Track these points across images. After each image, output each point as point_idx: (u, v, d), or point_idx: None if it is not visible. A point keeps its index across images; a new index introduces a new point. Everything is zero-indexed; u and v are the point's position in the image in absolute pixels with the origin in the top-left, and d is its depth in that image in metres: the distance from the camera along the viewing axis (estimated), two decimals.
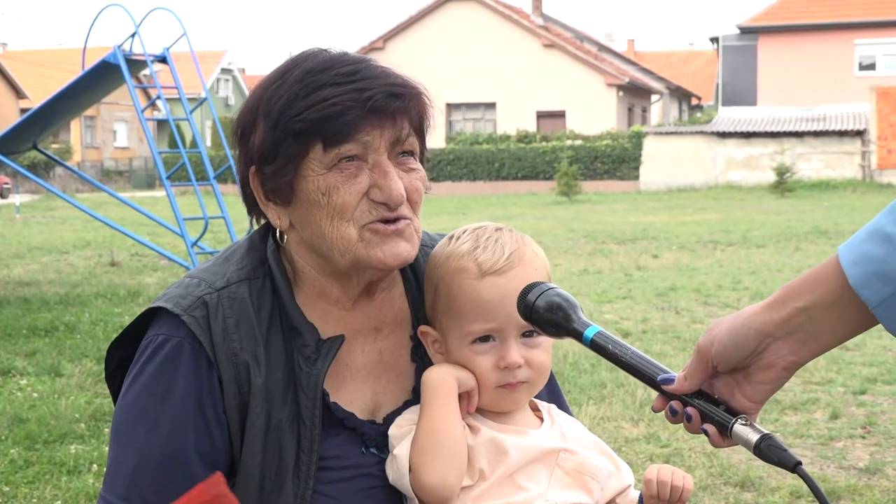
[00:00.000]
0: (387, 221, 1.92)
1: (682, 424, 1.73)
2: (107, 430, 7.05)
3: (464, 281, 1.99)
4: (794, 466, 1.60)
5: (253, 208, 2.05)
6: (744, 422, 1.64)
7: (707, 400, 1.68)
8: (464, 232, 2.07)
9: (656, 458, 6.30)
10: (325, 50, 1.99)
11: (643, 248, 19.10)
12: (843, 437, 6.79)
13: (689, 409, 1.69)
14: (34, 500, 5.84)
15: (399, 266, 1.97)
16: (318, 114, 1.87)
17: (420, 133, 1.99)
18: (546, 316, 1.84)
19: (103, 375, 8.56)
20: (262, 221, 2.07)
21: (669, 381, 1.71)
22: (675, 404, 1.71)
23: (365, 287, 2.04)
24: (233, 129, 2.03)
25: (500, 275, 1.98)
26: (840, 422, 7.14)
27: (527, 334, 1.99)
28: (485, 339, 1.99)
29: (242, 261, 2.03)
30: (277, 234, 2.04)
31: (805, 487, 5.72)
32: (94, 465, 6.29)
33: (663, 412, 1.74)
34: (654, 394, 6.38)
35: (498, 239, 2.02)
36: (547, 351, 2.03)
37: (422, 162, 2.02)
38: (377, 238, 1.92)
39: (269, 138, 1.92)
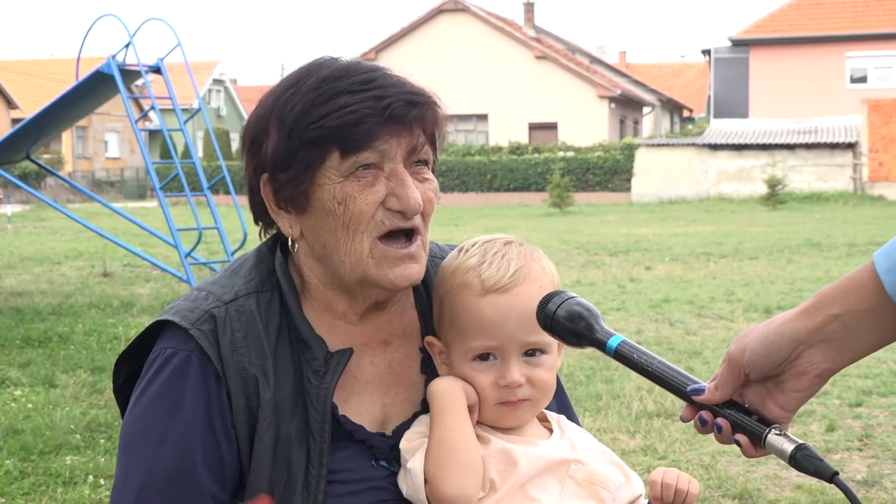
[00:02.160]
0: (400, 234, 1.91)
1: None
2: (102, 440, 7.03)
3: (466, 297, 1.98)
4: (831, 476, 1.58)
5: (262, 218, 2.03)
6: (778, 431, 1.62)
7: (738, 410, 1.66)
8: (473, 245, 2.05)
9: (653, 470, 6.28)
10: (338, 58, 1.97)
11: (636, 259, 19.11)
12: (840, 450, 6.78)
13: (720, 420, 1.67)
14: None
15: (406, 287, 1.96)
16: (336, 121, 1.86)
17: (433, 143, 1.98)
18: (567, 326, 1.82)
19: (98, 386, 8.57)
20: (271, 233, 2.05)
21: (700, 391, 1.69)
22: (704, 414, 1.69)
23: (372, 304, 2.02)
24: (242, 138, 2.01)
25: (502, 292, 1.96)
26: (837, 434, 7.13)
27: (529, 353, 1.97)
28: (485, 356, 1.97)
29: (250, 273, 2.01)
30: (289, 243, 2.02)
31: (803, 500, 5.74)
32: (90, 477, 6.26)
33: (692, 422, 1.72)
34: (651, 405, 6.37)
35: (505, 254, 2.00)
36: (550, 369, 2.01)
37: (433, 172, 2.01)
38: (388, 259, 1.91)
39: (283, 146, 1.90)
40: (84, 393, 8.40)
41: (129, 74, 15.23)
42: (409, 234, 1.93)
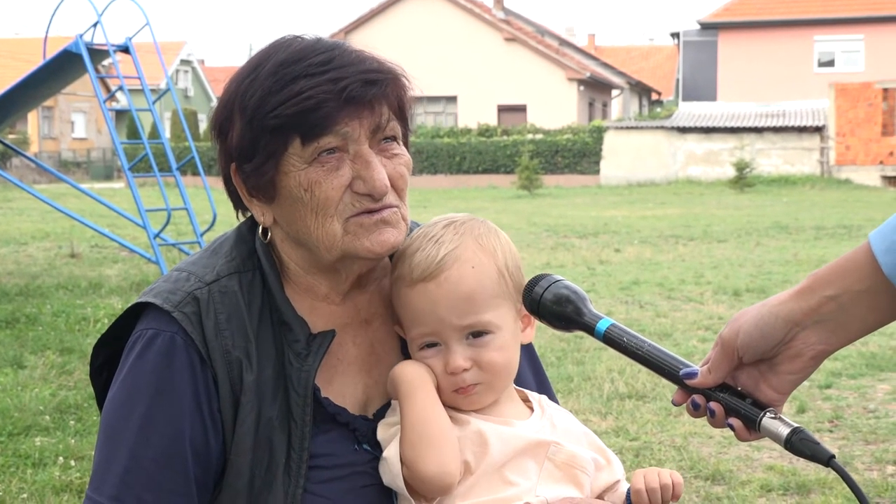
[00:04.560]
0: (371, 212, 1.88)
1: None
2: (72, 422, 6.99)
3: (400, 288, 1.95)
4: (827, 460, 1.57)
5: (238, 203, 1.99)
6: (772, 415, 1.60)
7: (732, 393, 1.64)
8: (420, 229, 2.00)
9: (626, 452, 6.30)
10: (299, 37, 1.92)
11: (605, 242, 19.14)
12: (811, 431, 6.79)
13: (713, 404, 1.65)
14: None
15: (387, 253, 1.92)
16: (292, 108, 1.82)
17: (402, 116, 1.93)
18: (554, 309, 1.80)
19: (67, 367, 8.48)
20: (248, 214, 2.01)
21: (693, 375, 1.67)
22: (697, 398, 1.67)
23: (354, 280, 1.99)
24: (211, 125, 1.98)
25: (429, 280, 1.91)
26: (807, 416, 7.18)
27: (475, 334, 1.92)
28: (430, 344, 1.94)
29: (231, 253, 1.98)
30: (260, 231, 1.98)
31: (775, 480, 5.77)
32: (60, 458, 6.22)
33: (684, 405, 1.70)
34: (622, 386, 6.38)
35: (440, 238, 1.95)
36: (500, 349, 1.94)
37: (406, 144, 1.97)
38: (363, 229, 1.87)
39: (246, 134, 1.87)
40: (53, 374, 8.35)
41: (97, 54, 15.09)
42: (380, 211, 1.89)
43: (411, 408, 1.88)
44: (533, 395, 2.06)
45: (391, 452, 1.88)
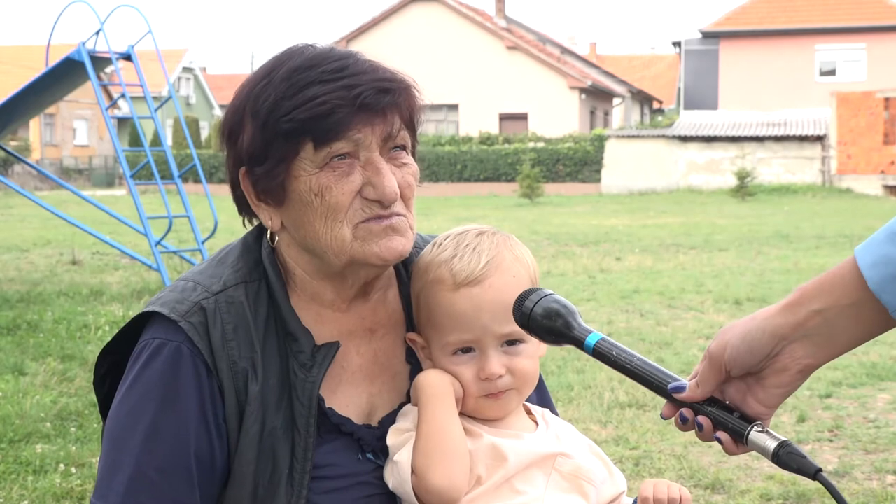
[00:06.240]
0: (381, 218, 1.89)
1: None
2: (73, 429, 6.99)
3: (440, 292, 1.96)
4: (814, 473, 1.57)
5: (244, 209, 2.00)
6: (759, 429, 1.61)
7: (720, 407, 1.65)
8: (446, 238, 2.03)
9: (626, 461, 6.31)
10: (311, 46, 1.95)
11: (606, 250, 19.13)
12: (811, 441, 6.82)
13: (701, 418, 1.66)
14: (0, 501, 5.77)
15: (395, 261, 1.93)
16: (306, 113, 1.83)
17: (411, 127, 1.96)
18: (544, 324, 1.81)
19: (68, 374, 8.48)
20: (255, 222, 2.03)
21: (681, 389, 1.68)
22: (685, 412, 1.68)
23: (360, 288, 2.00)
24: (220, 130, 1.99)
25: (474, 285, 1.94)
26: (807, 425, 7.17)
27: (510, 342, 1.96)
28: (465, 349, 1.96)
29: (237, 263, 1.99)
30: (268, 236, 2.00)
31: (775, 490, 5.77)
32: (61, 465, 6.22)
33: (672, 420, 1.72)
34: (622, 395, 6.38)
35: (476, 246, 1.98)
36: (531, 357, 1.99)
37: (413, 156, 1.99)
38: (372, 234, 1.89)
39: (258, 138, 1.88)
40: (54, 381, 8.35)
41: (100, 61, 15.12)
42: (388, 217, 1.91)
43: (430, 416, 1.90)
44: (536, 409, 2.10)
45: (403, 457, 1.89)
